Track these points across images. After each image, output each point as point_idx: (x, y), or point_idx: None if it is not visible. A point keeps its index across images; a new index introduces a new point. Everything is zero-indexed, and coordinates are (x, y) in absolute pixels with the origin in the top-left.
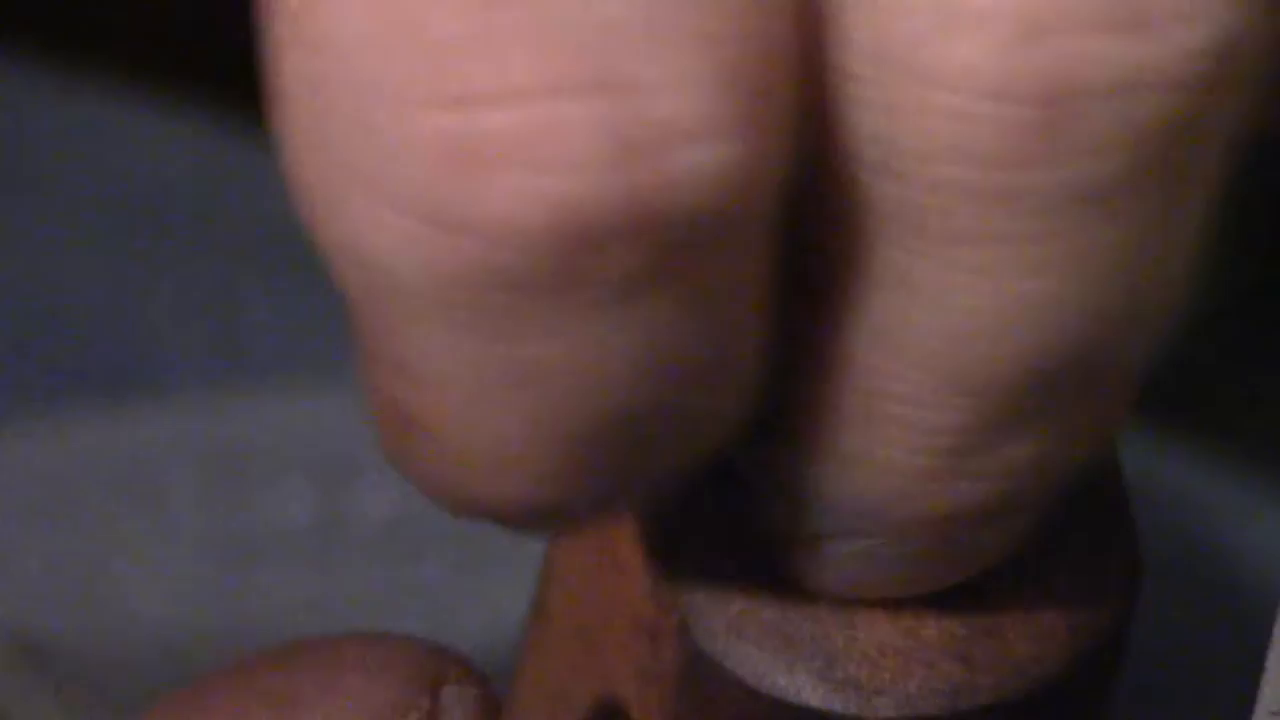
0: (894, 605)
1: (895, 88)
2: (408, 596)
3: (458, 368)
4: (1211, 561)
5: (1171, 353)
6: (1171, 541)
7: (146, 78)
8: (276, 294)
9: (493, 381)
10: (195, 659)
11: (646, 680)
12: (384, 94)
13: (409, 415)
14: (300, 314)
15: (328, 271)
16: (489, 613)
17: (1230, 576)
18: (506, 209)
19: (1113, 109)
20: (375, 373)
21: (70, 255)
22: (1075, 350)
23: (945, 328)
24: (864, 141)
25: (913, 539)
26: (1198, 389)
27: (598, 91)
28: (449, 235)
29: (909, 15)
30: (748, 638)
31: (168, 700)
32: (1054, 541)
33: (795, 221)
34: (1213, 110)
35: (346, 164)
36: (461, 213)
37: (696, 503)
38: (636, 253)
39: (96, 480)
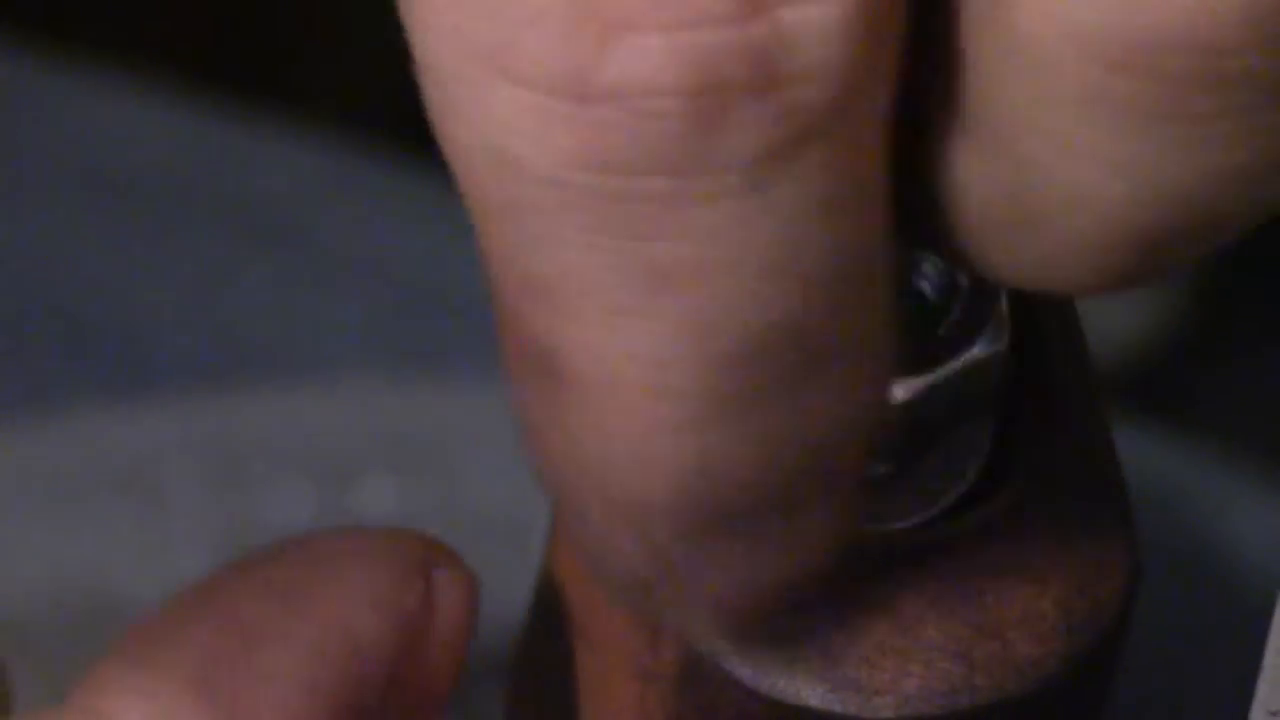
0: (893, 606)
1: None
2: None
3: (593, 273)
4: (1210, 562)
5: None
6: (1171, 541)
7: (142, 69)
8: (278, 294)
9: (626, 288)
10: None
11: (646, 680)
12: None
13: (550, 355)
14: (301, 314)
15: (329, 272)
16: (489, 613)
17: (1229, 577)
18: (637, 70)
19: None
20: (513, 312)
21: (71, 255)
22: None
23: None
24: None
25: None
26: (1198, 389)
27: None
28: (580, 106)
29: None
30: (747, 638)
31: (176, 601)
32: (1054, 541)
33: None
34: None
35: (477, 43)
36: (593, 79)
37: None
38: (765, 122)
39: (96, 480)
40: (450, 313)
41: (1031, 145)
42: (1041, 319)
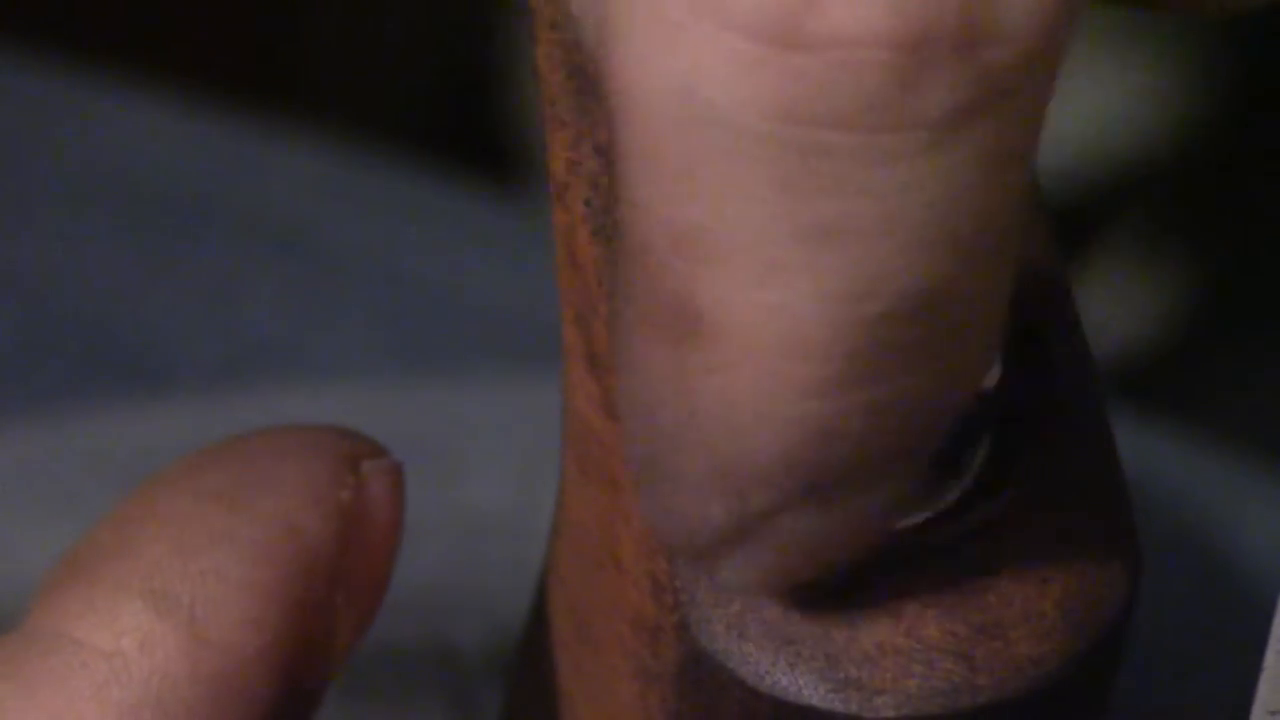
0: (894, 605)
1: None
2: (408, 596)
3: (757, 226)
4: (1210, 562)
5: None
6: (1171, 541)
7: (153, 76)
8: (278, 293)
9: (788, 243)
10: None
11: (647, 680)
12: None
13: (691, 311)
14: (302, 313)
15: (331, 274)
16: (489, 613)
17: (1229, 577)
18: (852, 18)
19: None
20: (659, 264)
21: (71, 255)
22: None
23: None
24: None
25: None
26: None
27: None
28: (786, 53)
29: None
30: (748, 637)
31: (117, 512)
32: (1055, 541)
33: None
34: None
35: None
36: (805, 26)
37: None
38: (962, 79)
39: (97, 480)
40: (452, 314)
41: None
42: (1042, 320)
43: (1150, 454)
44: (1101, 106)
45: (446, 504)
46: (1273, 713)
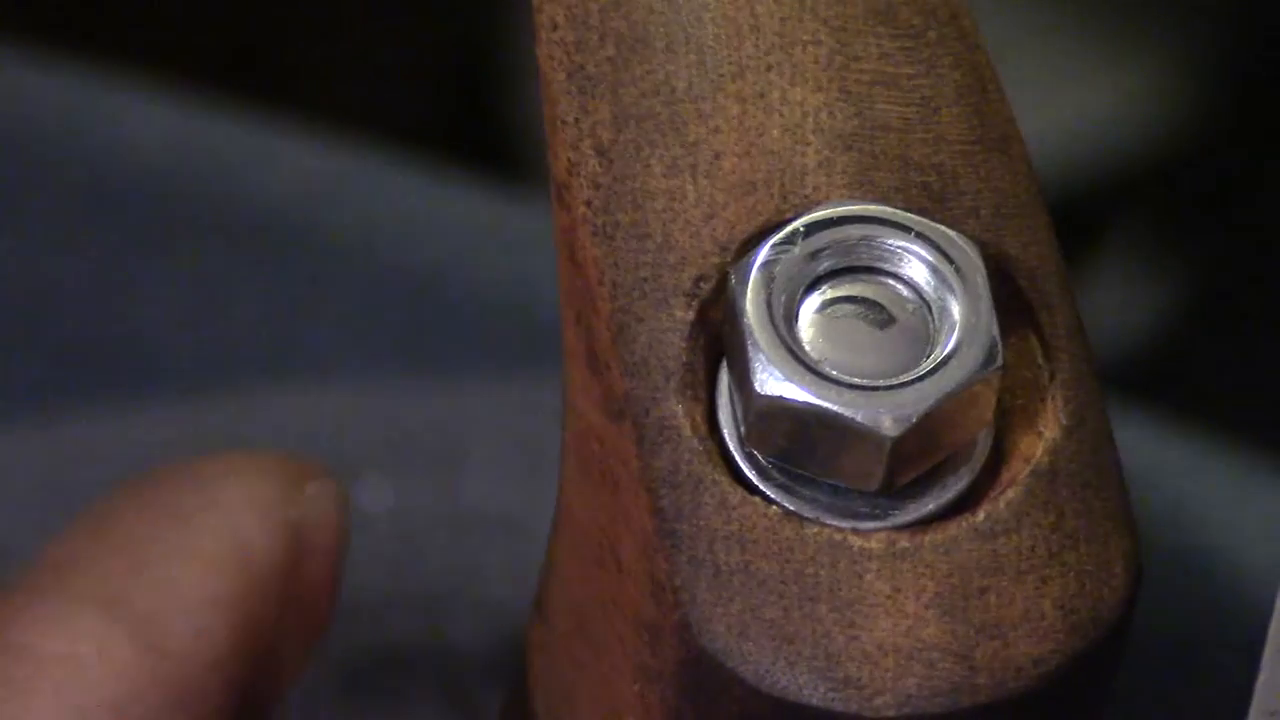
0: (895, 605)
1: None
2: (408, 596)
3: None
4: (1210, 561)
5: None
6: (1171, 541)
7: (145, 74)
8: (276, 294)
9: None
10: None
11: (647, 680)
12: None
13: None
14: (300, 313)
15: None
16: (489, 613)
17: (1229, 576)
18: None
19: None
20: None
21: (70, 255)
22: None
23: None
24: None
25: None
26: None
27: None
28: None
29: None
30: (748, 637)
31: (72, 528)
32: (1055, 541)
33: None
34: None
35: None
36: None
37: (697, 504)
38: None
39: (96, 480)
40: (451, 313)
41: None
42: (1042, 320)
43: (1150, 454)
44: (1101, 106)
45: (446, 504)
46: (1271, 713)
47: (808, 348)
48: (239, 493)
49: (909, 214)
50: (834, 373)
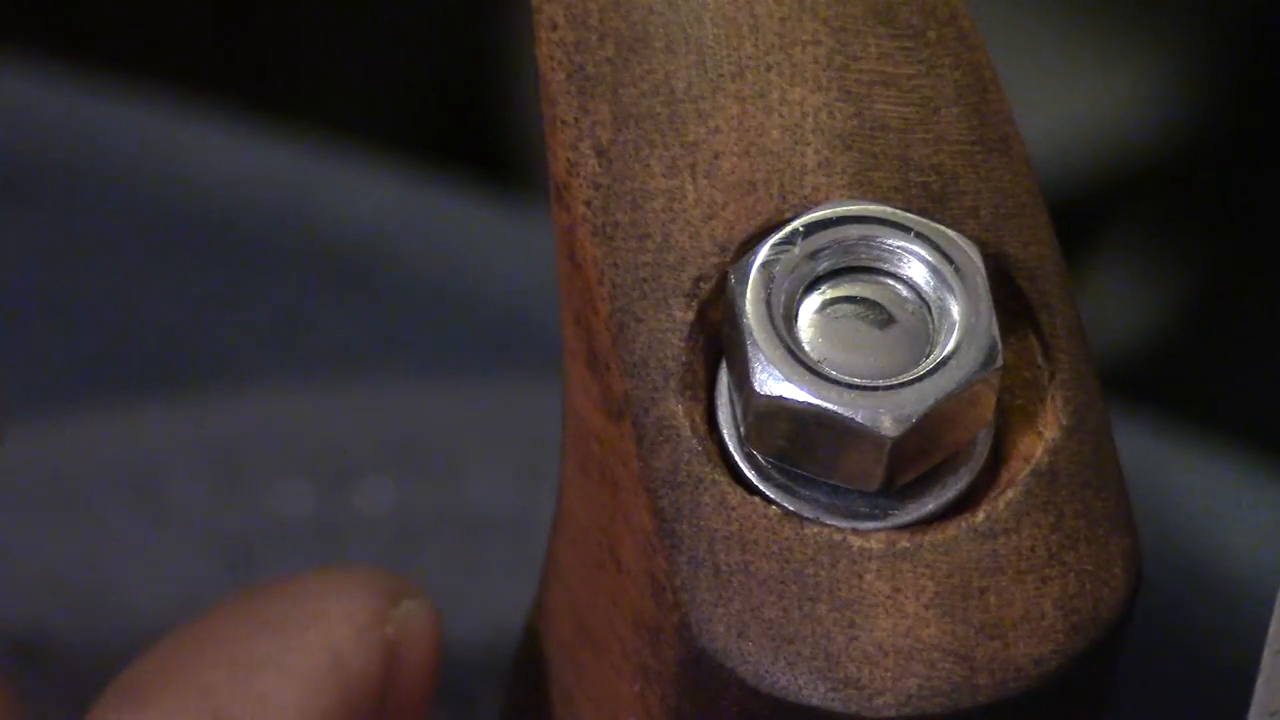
0: (894, 605)
1: None
2: None
3: None
4: (1210, 562)
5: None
6: (1171, 541)
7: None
8: (276, 294)
9: None
10: None
11: (647, 680)
12: None
13: None
14: (300, 314)
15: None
16: (489, 613)
17: (1228, 577)
18: None
19: None
20: None
21: (70, 256)
22: None
23: None
24: None
25: None
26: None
27: None
28: None
29: None
30: (748, 637)
31: (170, 638)
32: (1054, 541)
33: None
34: None
35: None
36: None
37: (697, 504)
38: None
39: (96, 480)
40: (452, 313)
41: None
42: (1042, 320)
43: (1150, 454)
44: (1101, 107)
45: (446, 504)
46: (1271, 713)
47: (807, 348)
48: (337, 608)
49: (909, 214)
50: (834, 373)
